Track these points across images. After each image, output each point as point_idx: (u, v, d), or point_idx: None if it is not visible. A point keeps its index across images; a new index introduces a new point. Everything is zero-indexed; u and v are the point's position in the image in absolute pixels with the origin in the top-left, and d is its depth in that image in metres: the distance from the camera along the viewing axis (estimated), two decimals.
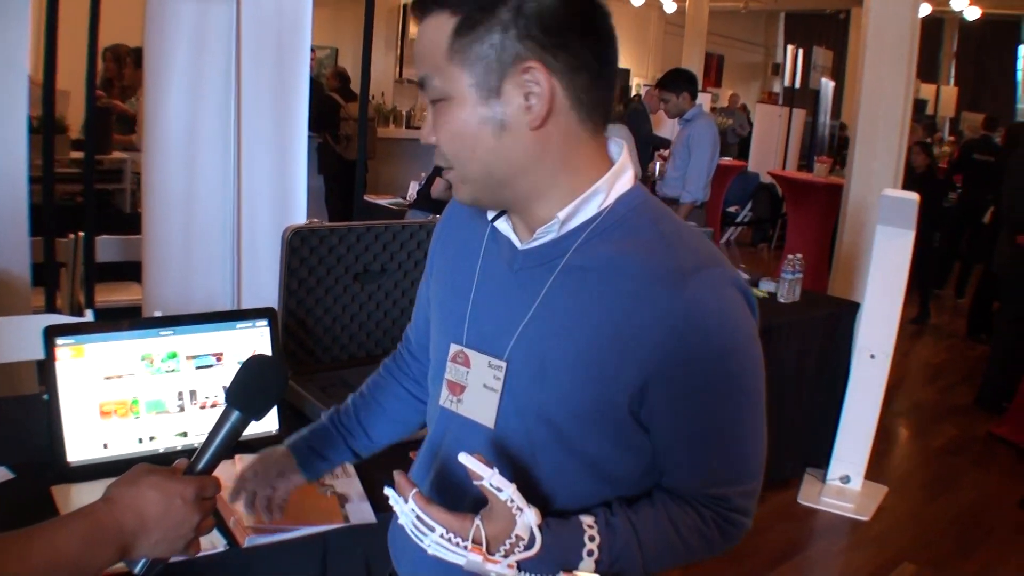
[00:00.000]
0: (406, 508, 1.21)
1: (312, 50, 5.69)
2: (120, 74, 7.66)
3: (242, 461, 2.06)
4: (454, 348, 1.40)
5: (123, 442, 2.05)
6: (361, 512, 1.97)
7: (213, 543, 1.78)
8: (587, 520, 1.23)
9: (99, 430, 2.03)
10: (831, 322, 4.79)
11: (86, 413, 2.02)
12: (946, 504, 4.92)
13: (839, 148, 12.30)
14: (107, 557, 1.13)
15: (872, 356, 4.47)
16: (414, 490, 1.21)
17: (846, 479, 4.63)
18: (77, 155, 6.05)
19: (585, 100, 1.23)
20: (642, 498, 1.30)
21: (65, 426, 2.00)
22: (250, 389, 1.30)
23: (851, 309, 4.69)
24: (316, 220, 2.84)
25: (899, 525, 4.55)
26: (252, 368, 1.33)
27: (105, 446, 2.03)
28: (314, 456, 1.70)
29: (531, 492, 1.25)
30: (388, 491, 1.24)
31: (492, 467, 1.17)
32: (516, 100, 1.20)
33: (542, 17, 1.18)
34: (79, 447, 2.01)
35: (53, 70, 3.82)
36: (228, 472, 2.01)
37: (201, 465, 1.27)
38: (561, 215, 1.26)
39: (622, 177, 1.30)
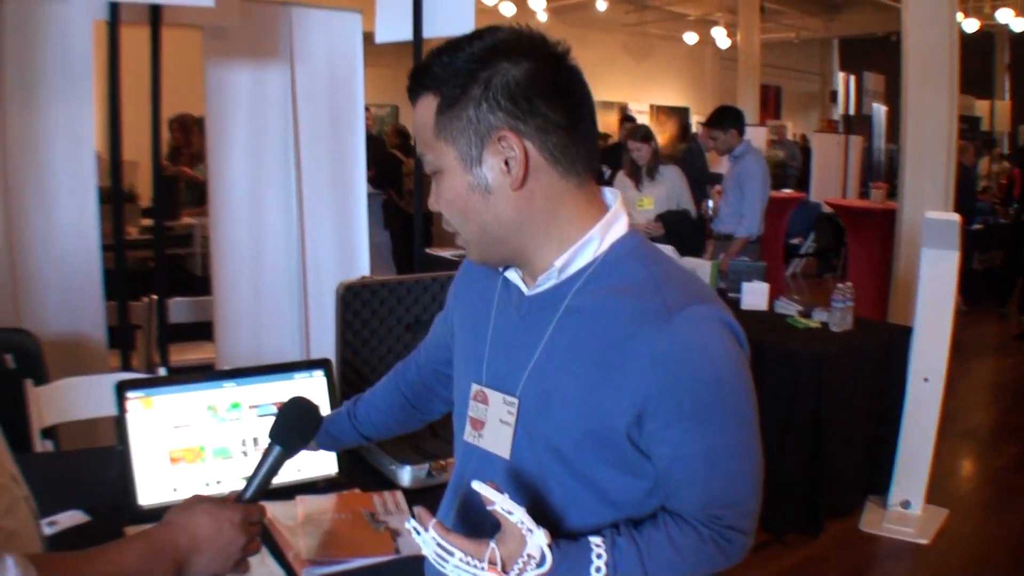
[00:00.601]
0: (427, 537, 1.33)
1: (367, 108, 5.90)
2: (188, 142, 7.92)
3: (303, 503, 2.22)
4: (475, 388, 1.55)
5: (191, 486, 2.20)
6: (412, 545, 2.09)
7: (272, 574, 1.92)
8: (595, 540, 1.34)
9: (169, 475, 2.19)
10: (886, 348, 4.80)
11: (157, 460, 2.19)
12: (1008, 523, 4.89)
13: (895, 173, 12.27)
14: (164, 573, 1.29)
15: (926, 380, 4.49)
16: (433, 520, 1.34)
17: (906, 504, 4.63)
18: (148, 222, 6.29)
19: (561, 157, 1.37)
20: (646, 520, 1.41)
21: (137, 472, 2.16)
22: (288, 427, 1.48)
23: (904, 334, 4.69)
24: (367, 275, 3.00)
25: (960, 547, 4.54)
26: (290, 409, 1.52)
27: (175, 490, 2.18)
28: (325, 436, 2.04)
29: (543, 516, 1.38)
30: (408, 525, 1.37)
31: (502, 492, 1.29)
32: (496, 166, 1.35)
33: (508, 89, 1.32)
34: (150, 491, 2.16)
35: (118, 143, 4.02)
36: (289, 511, 2.16)
37: (248, 494, 1.45)
38: (558, 263, 1.40)
39: (615, 224, 1.43)
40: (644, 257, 1.42)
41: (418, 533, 1.35)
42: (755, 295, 5.25)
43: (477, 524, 1.45)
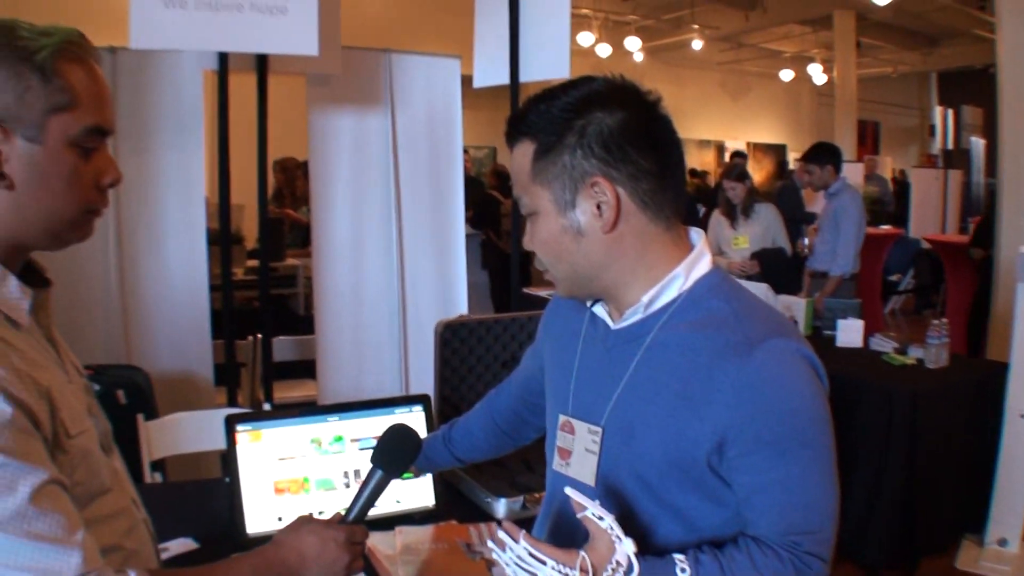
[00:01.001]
0: (518, 548, 1.37)
1: (465, 151, 6.00)
2: (291, 185, 8.11)
3: (401, 533, 2.29)
4: (562, 418, 1.62)
5: (295, 515, 2.28)
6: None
7: None
8: (679, 556, 1.38)
9: (274, 505, 2.29)
10: (981, 385, 4.72)
11: (263, 490, 2.29)
12: None
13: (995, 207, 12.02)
14: None
15: (1022, 416, 4.42)
16: (523, 531, 1.39)
17: (1003, 542, 4.55)
18: (253, 263, 6.47)
19: (651, 202, 1.44)
20: (728, 542, 1.45)
21: (244, 501, 2.26)
22: (389, 452, 1.57)
23: (1001, 371, 4.61)
24: (465, 314, 3.08)
25: None
26: (391, 435, 1.61)
27: (279, 519, 2.27)
28: (421, 458, 2.02)
29: None
30: (491, 544, 1.41)
31: (594, 500, 1.34)
32: (589, 209, 1.42)
33: (601, 137, 1.39)
34: (256, 520, 2.26)
35: (227, 187, 4.16)
36: (389, 541, 2.24)
37: (352, 516, 1.54)
38: (645, 299, 1.46)
39: (700, 262, 1.49)
40: (726, 293, 1.47)
41: (501, 550, 1.39)
42: (850, 332, 5.22)
43: (568, 544, 1.48)
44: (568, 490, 1.37)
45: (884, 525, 4.34)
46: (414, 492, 2.44)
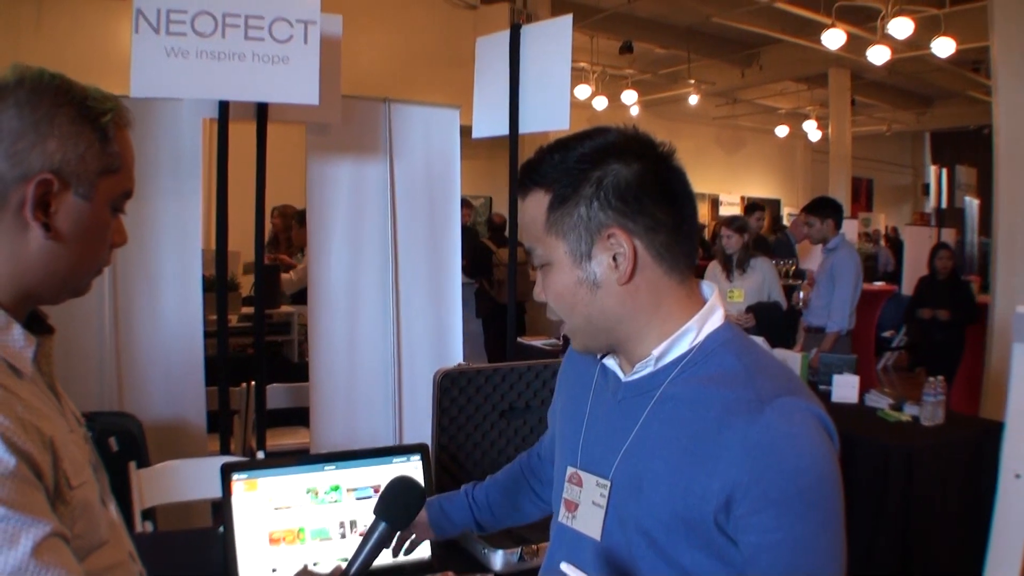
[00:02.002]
0: None
1: (469, 204, 6.00)
2: (287, 232, 8.12)
3: None
4: (570, 470, 1.59)
5: (290, 567, 2.23)
6: None
7: None
8: None
9: (268, 556, 2.25)
10: (977, 444, 4.71)
11: (257, 541, 2.25)
12: None
13: (988, 266, 12.08)
14: None
15: (1017, 476, 4.39)
16: None
17: None
18: (248, 310, 6.45)
19: (666, 255, 1.43)
20: None
21: (238, 552, 2.22)
22: (393, 504, 1.54)
23: (996, 430, 4.59)
24: (464, 363, 3.06)
25: None
26: (395, 487, 1.57)
27: (273, 571, 2.24)
28: (443, 517, 2.02)
29: None
30: None
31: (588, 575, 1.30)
32: (605, 261, 1.41)
33: (618, 189, 1.39)
34: (250, 572, 2.22)
35: (224, 235, 4.15)
36: None
37: (353, 569, 1.50)
38: (656, 352, 1.45)
39: (712, 316, 1.47)
40: (738, 348, 1.45)
41: None
42: (845, 388, 5.22)
43: None
44: (564, 566, 1.35)
45: None
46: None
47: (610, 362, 1.56)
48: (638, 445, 1.46)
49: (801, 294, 6.87)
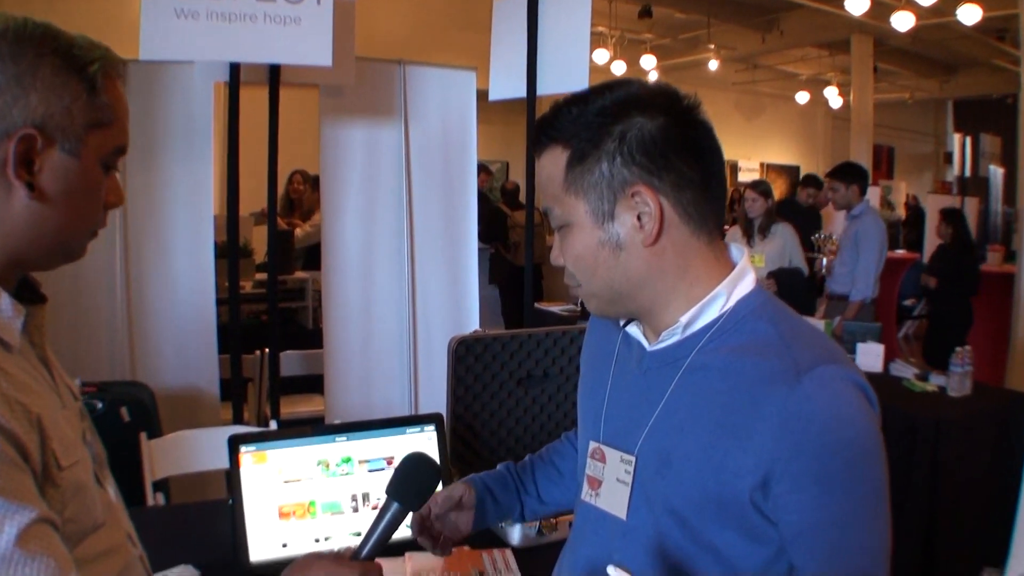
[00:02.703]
0: None
1: (488, 169, 5.90)
2: (301, 197, 8.05)
3: (411, 560, 2.19)
4: (592, 445, 1.50)
5: (301, 542, 2.19)
6: None
7: None
8: None
9: (279, 530, 2.18)
10: (1004, 415, 4.63)
11: (267, 515, 2.18)
12: None
13: (1011, 236, 11.95)
14: None
15: None
16: None
17: None
18: (261, 276, 6.40)
19: (694, 213, 1.32)
20: None
21: (248, 527, 2.16)
22: (407, 483, 1.44)
23: None
24: (480, 330, 2.98)
25: None
26: (409, 464, 1.48)
27: (284, 546, 2.17)
28: (488, 497, 1.80)
29: None
30: None
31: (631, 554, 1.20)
32: (629, 221, 1.30)
33: (643, 143, 1.28)
34: (260, 547, 2.15)
35: (236, 200, 4.08)
36: (398, 569, 2.14)
37: (365, 552, 1.41)
38: (684, 319, 1.34)
39: (743, 281, 1.37)
40: (771, 315, 1.35)
41: None
42: (870, 357, 5.13)
43: None
44: (611, 570, 1.21)
45: (904, 556, 4.25)
46: None
47: (633, 330, 1.46)
48: (665, 419, 1.37)
49: (824, 260, 6.77)
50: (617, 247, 1.32)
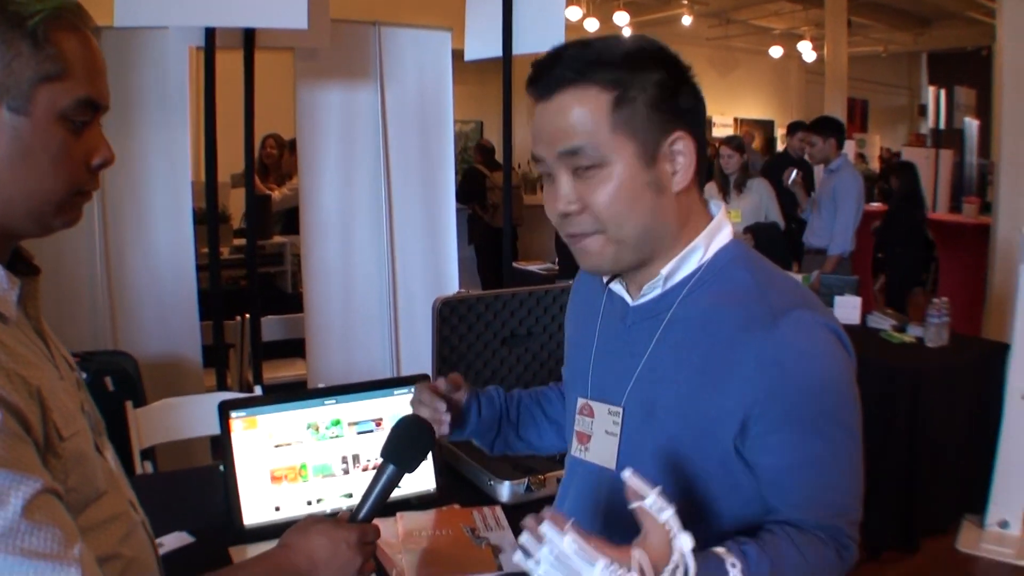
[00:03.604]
0: (562, 543, 1.16)
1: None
2: (279, 162, 8.00)
3: (403, 519, 2.21)
4: (580, 402, 1.53)
5: (293, 505, 2.21)
6: (513, 561, 2.08)
7: None
8: (721, 551, 1.25)
9: (271, 494, 2.19)
10: (982, 365, 4.69)
11: (259, 479, 2.19)
12: None
13: (986, 188, 12.01)
14: None
15: (1023, 397, 4.38)
16: (571, 521, 1.18)
17: (1004, 524, 4.50)
18: (239, 242, 6.38)
19: (702, 165, 1.36)
20: (763, 531, 1.34)
21: (240, 492, 2.17)
22: (402, 445, 1.46)
23: (1001, 351, 4.57)
24: (464, 290, 2.99)
25: None
26: (403, 427, 1.50)
27: (277, 509, 2.19)
28: (475, 404, 1.79)
29: None
30: (524, 538, 1.21)
31: (655, 486, 1.17)
32: (666, 166, 1.32)
33: (680, 92, 1.32)
34: (253, 511, 2.17)
35: (214, 165, 4.06)
36: (390, 528, 2.16)
37: (362, 514, 1.43)
38: (664, 271, 1.37)
39: (720, 233, 1.40)
40: (748, 264, 1.39)
41: (538, 543, 1.18)
42: (847, 309, 5.17)
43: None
44: (626, 474, 1.19)
45: (885, 505, 4.30)
46: (414, 476, 2.34)
47: (617, 287, 1.49)
48: (650, 370, 1.40)
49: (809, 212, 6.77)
50: (658, 190, 1.33)
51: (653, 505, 1.16)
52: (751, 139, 8.71)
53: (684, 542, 1.16)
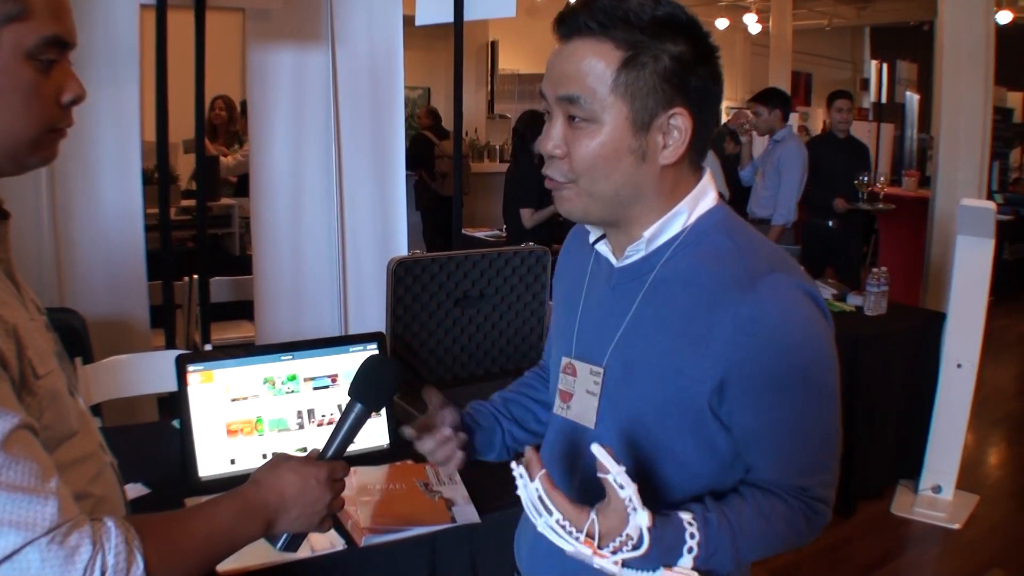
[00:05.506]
0: (531, 486, 1.28)
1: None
2: (230, 124, 7.93)
3: (356, 473, 2.25)
4: (564, 360, 1.55)
5: (249, 458, 2.24)
6: (466, 514, 2.13)
7: (332, 543, 1.96)
8: (686, 517, 1.30)
9: (227, 447, 2.23)
10: (919, 334, 4.80)
11: (215, 432, 2.22)
12: None
13: (926, 161, 12.19)
14: (254, 530, 1.32)
15: (959, 366, 4.48)
16: (542, 471, 1.28)
17: (937, 489, 4.63)
18: (188, 203, 6.34)
19: (699, 145, 1.37)
20: (730, 493, 1.39)
21: (196, 444, 2.20)
22: (369, 384, 1.49)
23: (938, 320, 4.67)
24: (418, 251, 3.03)
25: (990, 532, 4.54)
26: (370, 365, 1.52)
27: (232, 462, 2.22)
28: (470, 419, 1.73)
29: None
30: (516, 466, 1.31)
31: (620, 464, 1.24)
32: (658, 138, 1.33)
33: (694, 69, 1.32)
34: (209, 463, 2.20)
35: (165, 127, 4.04)
36: (347, 481, 2.19)
37: (331, 452, 1.46)
38: (647, 234, 1.39)
39: (704, 198, 1.42)
40: (730, 228, 1.41)
41: (521, 478, 1.30)
42: None
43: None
44: (595, 448, 1.25)
45: None
46: (368, 431, 2.38)
47: (603, 248, 1.51)
48: (632, 330, 1.42)
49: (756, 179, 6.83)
50: (641, 158, 1.34)
51: (615, 480, 1.23)
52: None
53: (642, 519, 1.22)
